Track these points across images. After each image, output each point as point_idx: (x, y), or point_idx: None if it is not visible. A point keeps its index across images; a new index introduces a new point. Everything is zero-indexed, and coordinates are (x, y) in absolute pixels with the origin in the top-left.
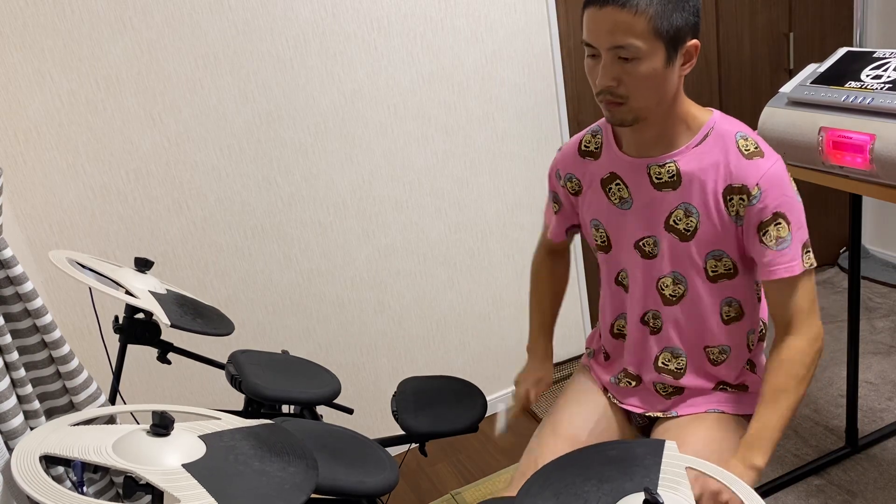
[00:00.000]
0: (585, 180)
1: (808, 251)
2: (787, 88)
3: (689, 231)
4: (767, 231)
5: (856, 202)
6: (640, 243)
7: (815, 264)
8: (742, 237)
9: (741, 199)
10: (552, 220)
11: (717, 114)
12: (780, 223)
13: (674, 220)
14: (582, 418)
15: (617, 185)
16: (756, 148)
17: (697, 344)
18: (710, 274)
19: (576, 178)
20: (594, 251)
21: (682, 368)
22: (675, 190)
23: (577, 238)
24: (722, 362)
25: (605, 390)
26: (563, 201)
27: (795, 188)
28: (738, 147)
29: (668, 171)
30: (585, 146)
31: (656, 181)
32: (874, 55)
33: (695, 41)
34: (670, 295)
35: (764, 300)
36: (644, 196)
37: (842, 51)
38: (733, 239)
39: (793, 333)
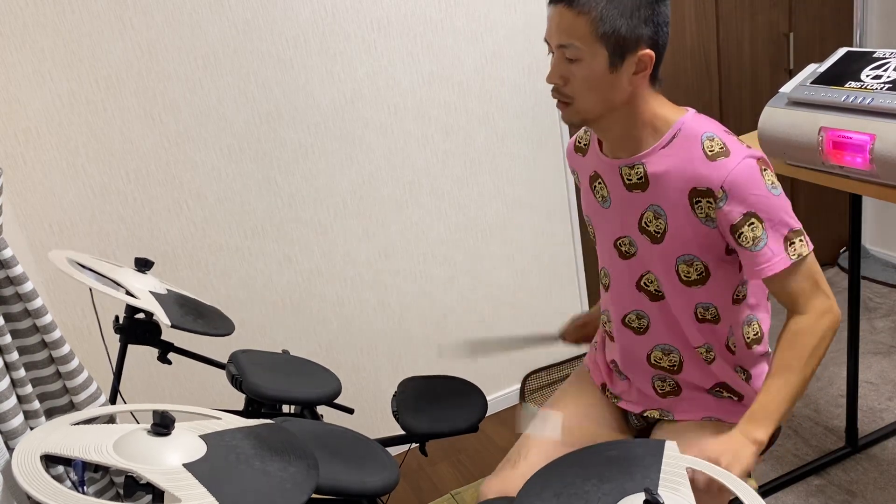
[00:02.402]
0: (580, 176)
1: (794, 242)
2: (787, 88)
3: (658, 233)
4: (742, 233)
5: (856, 202)
6: (618, 242)
7: (808, 251)
8: (722, 237)
9: (709, 202)
10: None
11: (688, 114)
12: (752, 223)
13: (645, 222)
14: (575, 411)
15: (599, 183)
16: (721, 148)
17: (685, 344)
18: (683, 278)
19: (576, 172)
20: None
21: (675, 365)
22: (643, 192)
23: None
24: (713, 360)
25: (603, 388)
26: None
27: (771, 182)
28: (703, 149)
29: (637, 172)
30: (579, 142)
31: (627, 182)
32: (874, 55)
33: (648, 51)
34: (655, 290)
35: (749, 301)
36: (619, 196)
37: (842, 51)
38: (705, 241)
39: (798, 312)
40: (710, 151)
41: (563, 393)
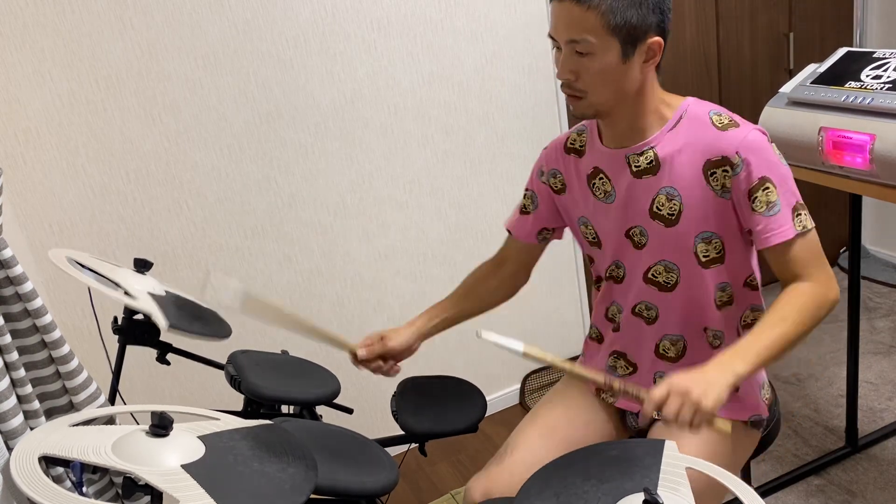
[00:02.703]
0: (569, 178)
1: (800, 213)
2: (787, 88)
3: (673, 215)
4: (756, 197)
5: (856, 202)
6: (630, 233)
7: (812, 225)
8: (735, 210)
9: (724, 170)
10: (521, 221)
11: (691, 99)
12: (767, 187)
13: (657, 207)
14: (563, 412)
15: (600, 178)
16: (730, 120)
17: (697, 325)
18: (703, 259)
19: (560, 173)
20: (585, 249)
21: (680, 352)
22: (654, 175)
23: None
24: (717, 347)
25: (598, 392)
26: (539, 202)
27: (779, 153)
28: (713, 122)
29: (647, 157)
30: (571, 143)
31: (635, 169)
32: (874, 55)
33: (657, 38)
34: (664, 282)
35: (760, 289)
36: (626, 187)
37: (842, 51)
38: (721, 215)
39: (803, 280)
40: (719, 124)
41: (555, 395)
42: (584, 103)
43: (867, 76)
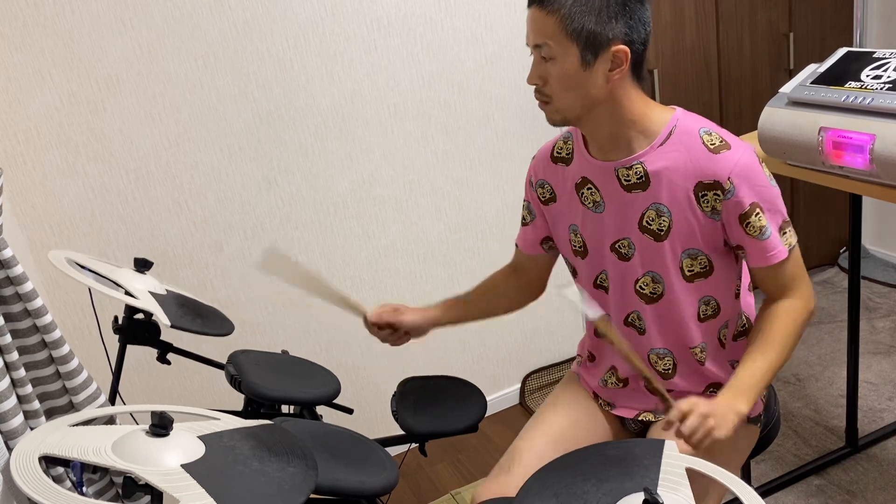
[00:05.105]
0: (559, 187)
1: (786, 232)
2: (787, 88)
3: (662, 231)
4: (749, 222)
5: (856, 202)
6: (616, 245)
7: (796, 241)
8: (724, 231)
9: (716, 194)
10: (524, 233)
11: (679, 111)
12: (758, 213)
13: (646, 221)
14: (568, 418)
15: (589, 189)
16: (721, 141)
17: (681, 345)
18: (687, 273)
19: (548, 184)
20: (569, 259)
21: (669, 370)
22: (644, 191)
23: None
24: (706, 360)
25: (596, 396)
26: (536, 212)
27: (768, 172)
28: (704, 143)
29: (636, 172)
30: (557, 152)
31: (625, 183)
32: (874, 55)
33: (622, 47)
34: (650, 293)
35: (743, 295)
36: (615, 199)
37: (842, 51)
38: (709, 235)
39: (787, 297)
40: (711, 145)
41: (555, 400)
42: (550, 108)
43: (867, 76)
